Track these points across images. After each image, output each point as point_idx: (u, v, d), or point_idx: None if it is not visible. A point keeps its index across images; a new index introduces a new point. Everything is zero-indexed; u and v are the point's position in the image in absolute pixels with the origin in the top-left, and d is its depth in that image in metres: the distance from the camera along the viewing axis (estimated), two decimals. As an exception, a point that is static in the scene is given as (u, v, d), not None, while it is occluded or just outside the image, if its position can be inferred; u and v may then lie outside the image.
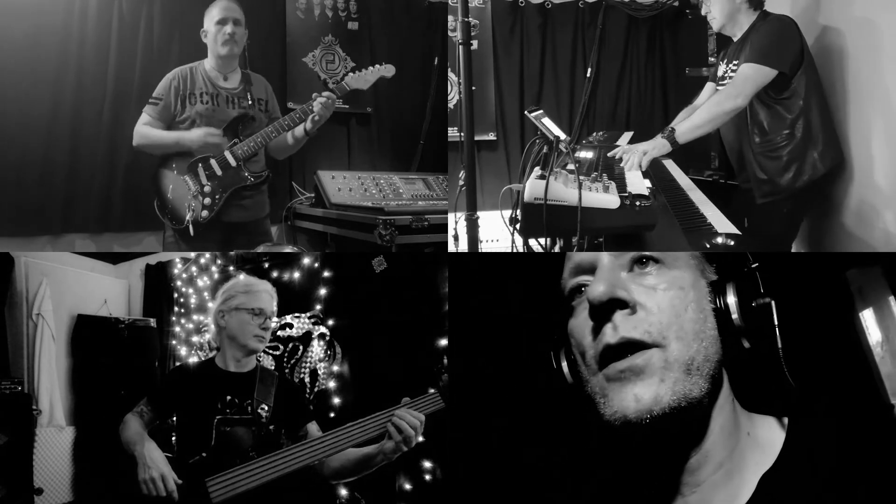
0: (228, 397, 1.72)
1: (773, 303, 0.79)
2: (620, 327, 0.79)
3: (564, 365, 0.90)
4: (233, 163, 2.58)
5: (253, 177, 2.62)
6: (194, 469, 1.56)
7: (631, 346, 0.78)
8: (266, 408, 1.72)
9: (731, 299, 0.81)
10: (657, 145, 2.41)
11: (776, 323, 0.78)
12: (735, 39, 2.53)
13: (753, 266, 0.82)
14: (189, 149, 2.60)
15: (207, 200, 2.58)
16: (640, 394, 0.76)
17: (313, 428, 1.79)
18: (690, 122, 2.40)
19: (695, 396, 0.77)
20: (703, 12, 2.65)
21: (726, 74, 2.53)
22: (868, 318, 1.42)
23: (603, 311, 0.80)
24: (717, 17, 2.51)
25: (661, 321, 0.79)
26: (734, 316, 0.80)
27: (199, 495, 1.41)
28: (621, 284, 0.81)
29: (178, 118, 2.66)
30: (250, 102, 2.70)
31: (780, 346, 0.78)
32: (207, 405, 1.70)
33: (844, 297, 1.18)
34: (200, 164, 2.58)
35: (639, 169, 2.36)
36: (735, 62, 2.47)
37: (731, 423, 0.82)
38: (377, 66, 2.78)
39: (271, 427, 1.72)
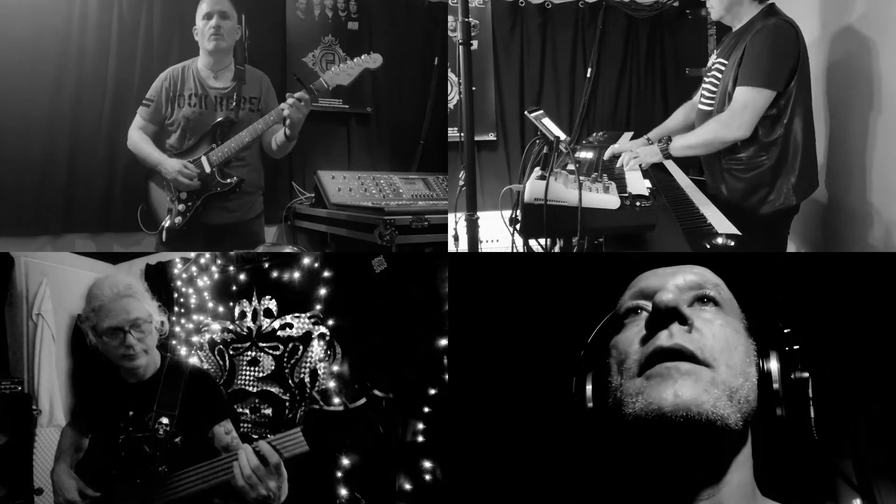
0: (131, 413, 1.63)
1: (809, 378, 0.81)
2: (676, 335, 0.80)
3: (589, 388, 0.89)
4: (207, 169, 2.59)
5: (220, 186, 2.61)
6: (108, 483, 1.60)
7: (681, 356, 0.78)
8: (167, 421, 1.61)
9: (774, 365, 0.82)
10: (650, 152, 2.41)
11: (811, 396, 0.80)
12: (734, 30, 2.39)
13: (795, 347, 0.84)
14: (165, 175, 2.64)
15: (182, 207, 2.62)
16: (680, 390, 0.75)
17: (220, 430, 1.67)
18: (686, 141, 2.37)
19: (730, 424, 0.75)
20: None
21: (713, 67, 2.43)
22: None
23: (662, 320, 0.81)
24: (716, 6, 2.37)
25: (715, 346, 0.80)
26: (775, 385, 0.81)
27: None
28: (684, 305, 0.83)
29: (167, 120, 2.69)
30: (235, 104, 2.65)
31: (812, 415, 0.80)
32: (114, 423, 1.64)
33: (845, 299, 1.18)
34: None
35: (628, 168, 2.37)
36: (724, 60, 2.34)
37: (749, 485, 0.81)
38: (360, 57, 2.65)
39: (177, 439, 1.61)
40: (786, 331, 0.85)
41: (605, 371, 0.86)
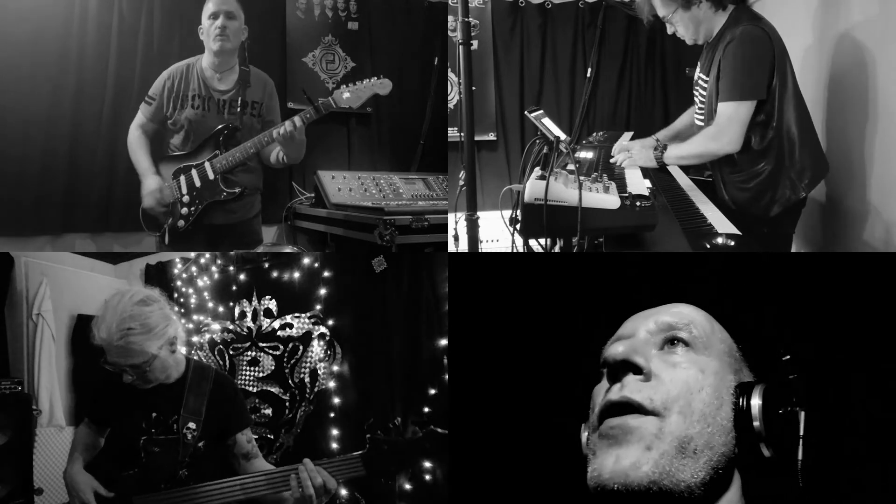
0: (154, 414, 1.62)
1: (801, 413, 0.76)
2: (626, 388, 0.79)
3: (584, 436, 0.89)
4: (211, 175, 2.59)
5: (225, 194, 2.61)
6: (125, 483, 1.58)
7: (630, 409, 0.77)
8: (193, 426, 1.60)
9: (756, 402, 0.78)
10: (644, 157, 2.39)
11: (801, 434, 0.76)
12: (707, 43, 2.37)
13: (791, 377, 0.80)
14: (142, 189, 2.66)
15: (185, 210, 2.61)
16: (621, 455, 0.74)
17: (243, 439, 1.67)
18: (679, 151, 2.36)
19: (682, 480, 0.72)
20: (668, 31, 2.47)
21: (698, 81, 2.43)
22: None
23: (618, 372, 0.81)
24: (686, 33, 2.37)
25: (669, 393, 0.78)
26: (755, 423, 0.77)
27: None
28: (642, 352, 0.81)
29: (170, 120, 2.69)
30: (239, 109, 2.65)
31: (800, 457, 0.75)
32: (135, 423, 1.63)
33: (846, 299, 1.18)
34: (183, 175, 2.61)
35: (624, 165, 2.38)
36: (705, 76, 2.33)
37: None
38: (371, 80, 2.66)
39: (200, 444, 1.61)
40: (785, 357, 0.82)
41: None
